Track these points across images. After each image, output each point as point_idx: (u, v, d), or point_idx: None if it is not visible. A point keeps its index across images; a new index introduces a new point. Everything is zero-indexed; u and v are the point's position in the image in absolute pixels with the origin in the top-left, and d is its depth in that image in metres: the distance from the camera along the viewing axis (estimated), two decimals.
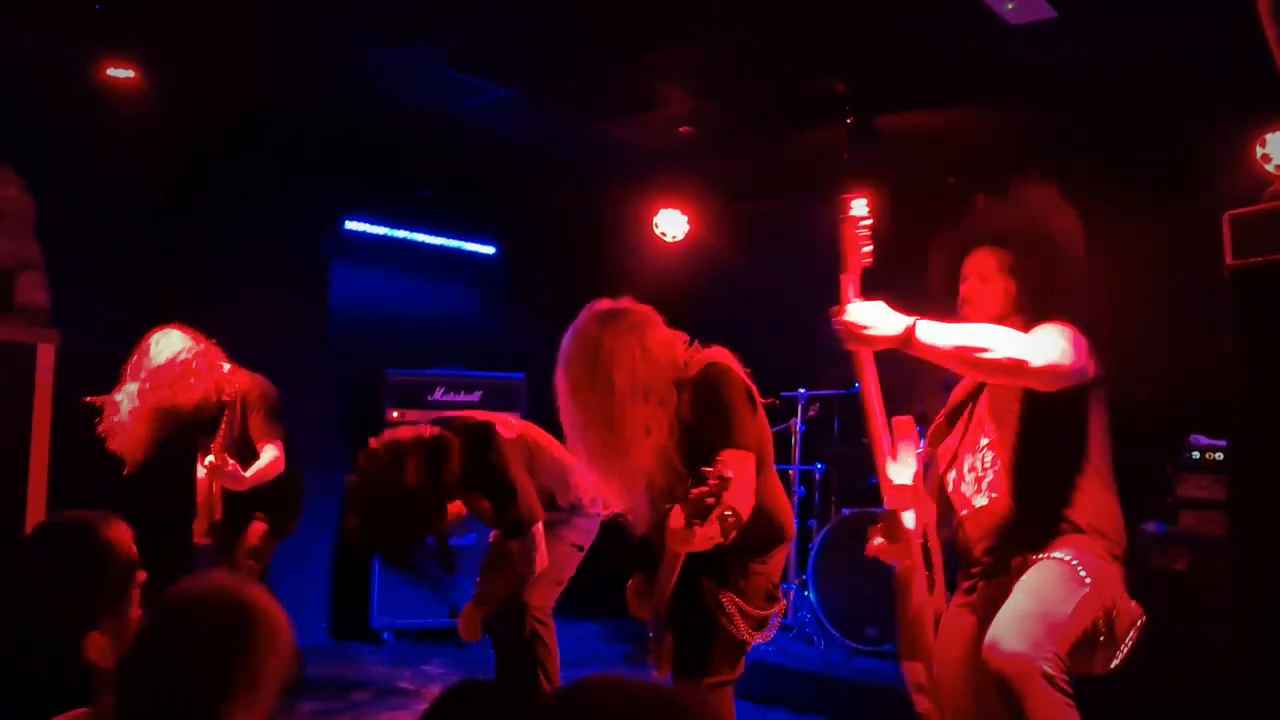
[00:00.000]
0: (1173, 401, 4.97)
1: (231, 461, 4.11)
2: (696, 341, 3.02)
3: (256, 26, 4.79)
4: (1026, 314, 2.80)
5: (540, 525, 3.66)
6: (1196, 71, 4.91)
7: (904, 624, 2.81)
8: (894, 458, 2.88)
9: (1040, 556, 2.63)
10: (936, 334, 2.57)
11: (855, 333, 2.59)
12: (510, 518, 3.65)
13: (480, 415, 3.89)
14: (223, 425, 4.21)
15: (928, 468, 2.96)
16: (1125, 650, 2.59)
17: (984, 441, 2.84)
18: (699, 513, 2.44)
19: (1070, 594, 2.52)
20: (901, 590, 2.84)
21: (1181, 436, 4.67)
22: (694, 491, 2.43)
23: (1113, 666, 2.59)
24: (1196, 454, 4.53)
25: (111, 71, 4.92)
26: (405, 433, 3.67)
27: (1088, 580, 2.54)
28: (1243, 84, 4.85)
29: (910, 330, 2.55)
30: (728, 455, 2.72)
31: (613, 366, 2.76)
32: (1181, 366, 5.13)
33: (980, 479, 2.82)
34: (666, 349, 2.88)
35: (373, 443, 3.65)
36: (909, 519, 2.81)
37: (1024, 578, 2.61)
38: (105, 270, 5.58)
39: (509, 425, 3.85)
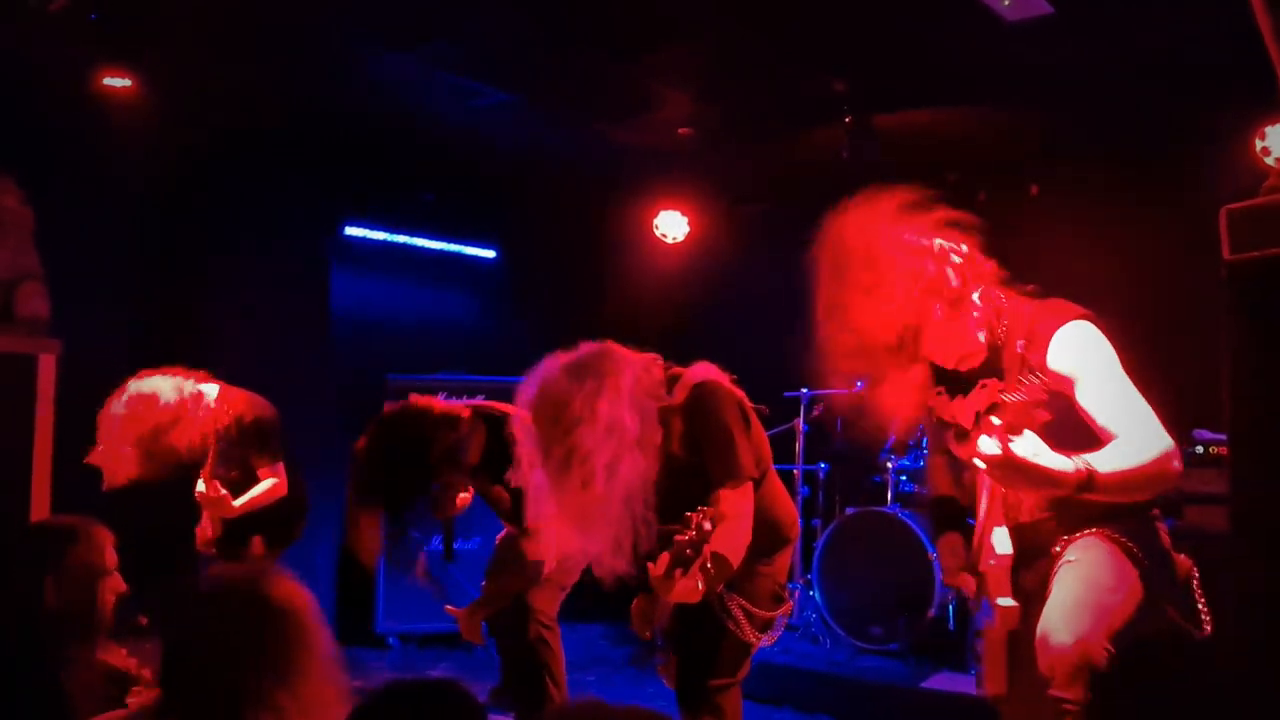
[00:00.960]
0: (1176, 396, 4.95)
1: (223, 491, 4.09)
2: (696, 347, 2.98)
3: (256, 30, 4.79)
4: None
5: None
6: (1195, 65, 4.90)
7: (991, 652, 2.60)
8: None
9: (1084, 534, 2.51)
10: (1114, 467, 2.25)
11: (1019, 468, 2.22)
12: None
13: (507, 407, 3.85)
14: (210, 452, 4.17)
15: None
16: (1203, 604, 2.50)
17: None
18: (679, 562, 2.41)
19: (1121, 579, 2.44)
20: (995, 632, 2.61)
21: (1185, 431, 4.65)
22: (676, 539, 2.41)
23: (1206, 626, 2.49)
24: (1200, 449, 4.52)
25: (108, 81, 4.92)
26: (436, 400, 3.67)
27: (1141, 556, 2.46)
28: (1241, 77, 4.84)
29: (1087, 473, 2.22)
30: (725, 495, 2.69)
31: (583, 433, 2.63)
32: (1185, 361, 5.12)
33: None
34: (639, 386, 2.75)
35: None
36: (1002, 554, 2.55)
37: (1074, 560, 2.48)
38: (106, 277, 5.59)
39: None
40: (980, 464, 2.27)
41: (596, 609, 5.90)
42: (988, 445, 2.24)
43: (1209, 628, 2.51)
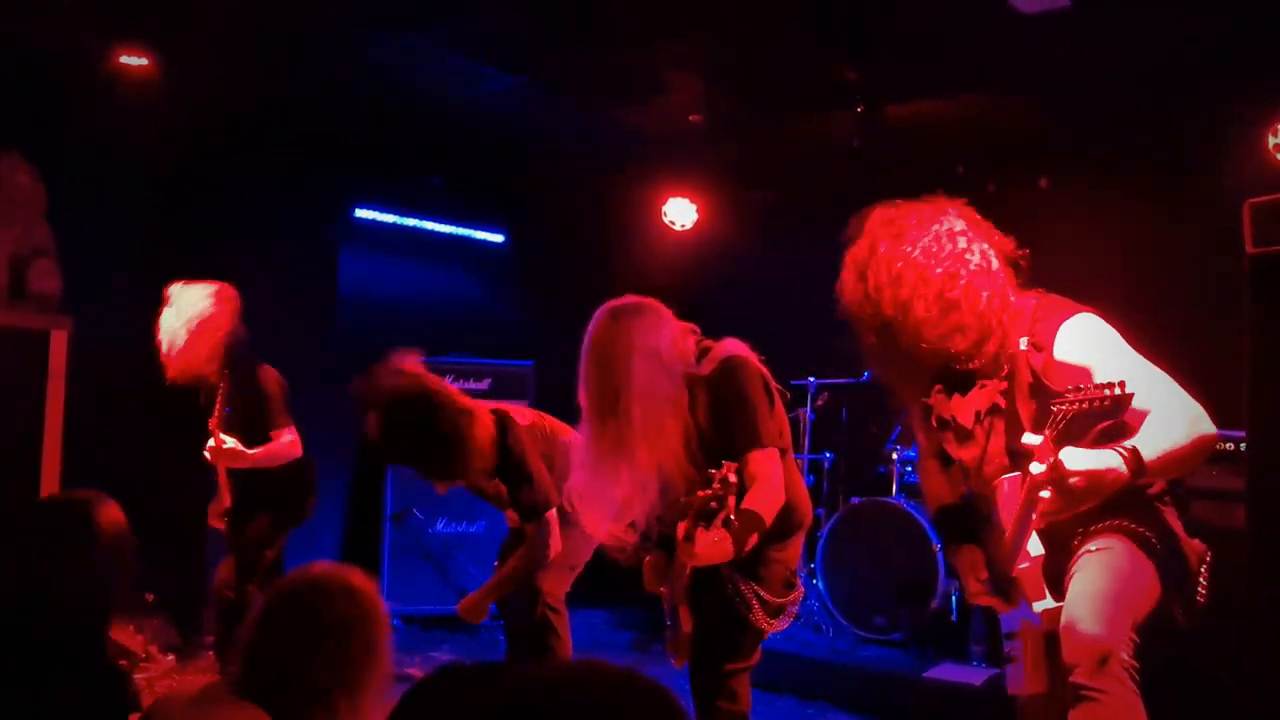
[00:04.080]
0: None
1: (231, 440, 4.10)
2: (704, 334, 3.00)
3: (268, 13, 4.78)
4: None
5: (554, 512, 3.66)
6: (1208, 60, 4.88)
7: (1031, 652, 2.55)
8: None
9: (1102, 524, 2.47)
10: (1158, 449, 2.23)
11: (1081, 489, 2.18)
12: (526, 503, 3.66)
13: (493, 404, 3.89)
14: (217, 403, 4.19)
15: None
16: (1203, 593, 2.48)
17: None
18: (703, 516, 2.43)
19: (1141, 569, 2.42)
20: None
21: None
22: (699, 494, 2.42)
23: (1195, 621, 2.47)
24: None
25: (125, 59, 4.92)
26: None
27: (1158, 546, 2.44)
28: (1255, 72, 4.83)
29: (1134, 457, 2.18)
30: (754, 457, 2.72)
31: (620, 369, 2.73)
32: (1193, 357, 5.11)
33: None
34: (676, 345, 2.84)
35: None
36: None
37: (1095, 551, 2.44)
38: (116, 256, 5.59)
39: (522, 413, 3.85)
40: (1044, 494, 2.23)
41: (598, 594, 5.91)
42: (1038, 469, 2.20)
43: (1198, 619, 2.50)
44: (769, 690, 5.21)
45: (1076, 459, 2.19)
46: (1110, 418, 2.13)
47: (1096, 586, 2.38)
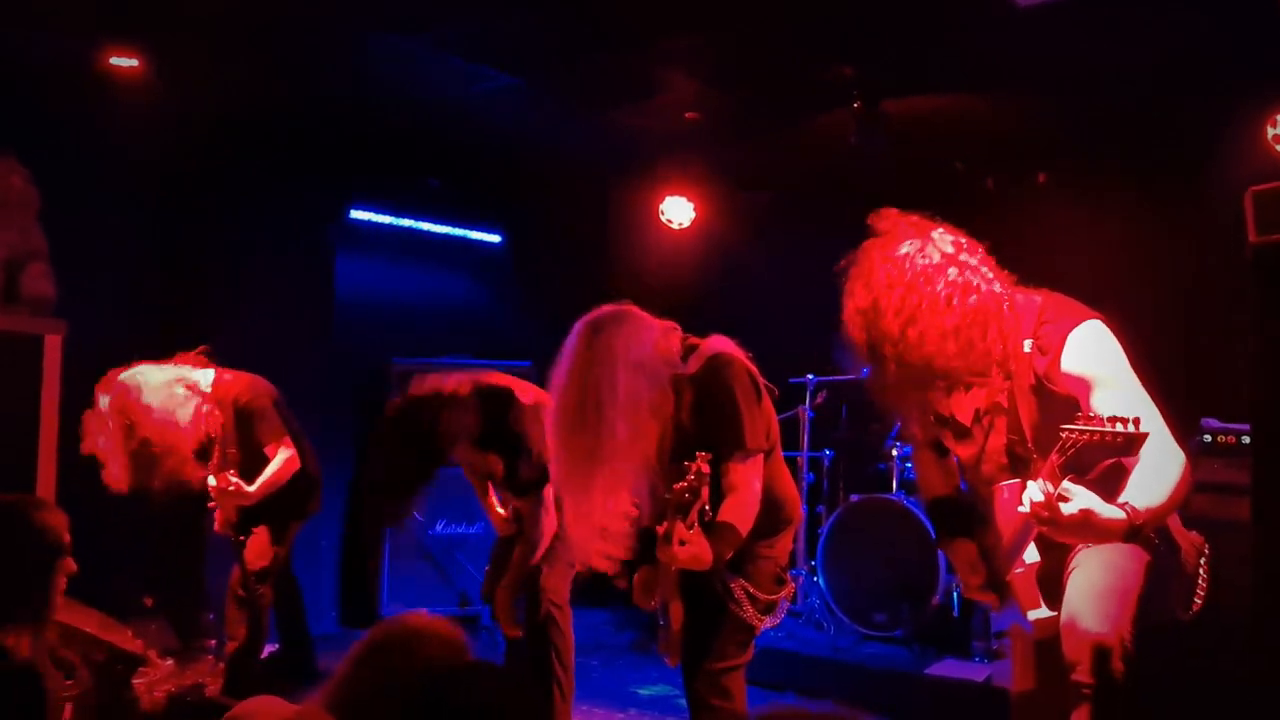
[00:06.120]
0: (1185, 385, 4.94)
1: (234, 481, 4.11)
2: (703, 333, 2.98)
3: (263, 13, 4.76)
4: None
5: (550, 489, 3.65)
6: (1207, 53, 4.87)
7: (1022, 652, 2.59)
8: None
9: None
10: (1152, 502, 2.21)
11: (1077, 523, 2.16)
12: (522, 477, 3.67)
13: (499, 378, 3.87)
14: (215, 447, 4.18)
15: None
16: (1203, 586, 2.47)
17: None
18: (680, 509, 2.43)
19: (1138, 563, 2.41)
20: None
21: (1194, 421, 4.64)
22: (675, 486, 2.42)
23: (1195, 608, 2.47)
24: (1209, 438, 4.49)
25: (115, 61, 4.90)
26: (427, 386, 3.71)
27: (1156, 541, 2.43)
28: (1253, 64, 4.82)
29: (1134, 515, 2.17)
30: (733, 467, 2.72)
31: (605, 384, 2.70)
32: (1193, 349, 5.11)
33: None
34: (660, 349, 2.82)
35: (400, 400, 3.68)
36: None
37: (1094, 547, 2.42)
38: (111, 259, 5.58)
39: (526, 391, 3.84)
40: (1026, 510, 2.22)
41: (600, 595, 5.89)
42: (1035, 495, 2.18)
43: (1196, 610, 2.49)
44: (770, 689, 5.19)
45: (1086, 502, 2.15)
46: (1122, 454, 2.10)
47: (1096, 583, 2.38)
